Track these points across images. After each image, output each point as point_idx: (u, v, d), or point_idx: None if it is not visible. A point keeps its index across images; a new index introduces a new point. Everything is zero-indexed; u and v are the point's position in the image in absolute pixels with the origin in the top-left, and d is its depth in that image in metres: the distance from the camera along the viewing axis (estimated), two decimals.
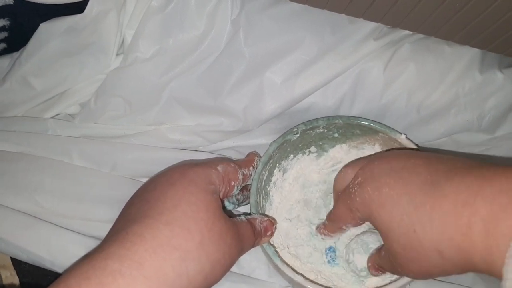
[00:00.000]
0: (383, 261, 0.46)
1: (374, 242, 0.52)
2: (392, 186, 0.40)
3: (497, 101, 0.59)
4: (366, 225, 0.54)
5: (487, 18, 0.47)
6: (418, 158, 0.41)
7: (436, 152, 0.54)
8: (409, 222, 0.37)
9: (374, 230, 0.53)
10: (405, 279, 0.47)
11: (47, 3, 0.56)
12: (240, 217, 0.48)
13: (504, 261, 0.30)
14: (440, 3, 0.46)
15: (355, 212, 0.45)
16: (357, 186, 0.44)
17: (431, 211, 0.36)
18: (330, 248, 0.57)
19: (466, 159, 0.38)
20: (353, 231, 0.55)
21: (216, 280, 0.41)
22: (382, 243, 0.45)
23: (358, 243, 0.53)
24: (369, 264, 0.50)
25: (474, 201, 0.32)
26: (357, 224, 0.48)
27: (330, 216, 0.52)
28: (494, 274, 0.31)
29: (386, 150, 0.57)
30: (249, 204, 0.55)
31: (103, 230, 0.54)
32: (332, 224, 0.52)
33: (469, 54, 0.58)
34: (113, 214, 0.55)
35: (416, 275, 0.41)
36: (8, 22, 0.60)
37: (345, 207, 0.46)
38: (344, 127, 0.59)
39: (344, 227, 0.50)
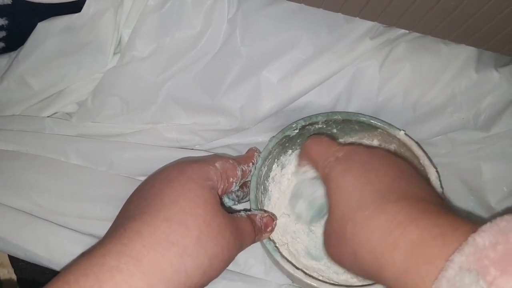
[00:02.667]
0: (324, 231, 0.48)
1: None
2: (355, 178, 0.43)
3: (492, 100, 0.59)
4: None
5: (483, 17, 0.47)
6: (392, 169, 0.43)
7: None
8: (346, 216, 0.40)
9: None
10: None
11: (45, 2, 0.56)
12: (240, 213, 0.48)
13: (422, 286, 0.32)
14: (436, 2, 0.46)
15: (318, 171, 0.49)
16: (333, 159, 0.46)
17: (367, 218, 0.38)
18: None
19: (425, 187, 0.42)
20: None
21: (215, 276, 0.42)
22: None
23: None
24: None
25: (408, 225, 0.35)
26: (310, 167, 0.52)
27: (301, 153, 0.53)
28: None
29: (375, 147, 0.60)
30: (248, 201, 0.55)
31: (100, 228, 0.55)
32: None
33: (465, 52, 0.58)
34: (110, 212, 0.55)
35: (331, 256, 0.45)
36: (6, 22, 0.60)
37: (313, 159, 0.50)
38: (343, 123, 0.60)
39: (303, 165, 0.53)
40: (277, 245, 0.53)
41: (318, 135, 0.54)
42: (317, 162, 0.49)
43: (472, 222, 0.34)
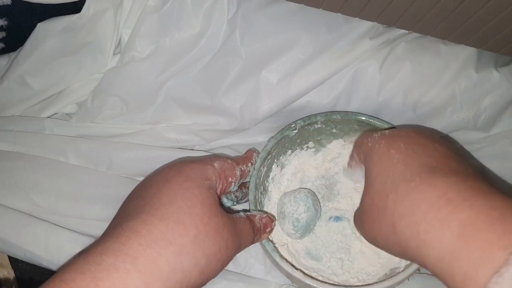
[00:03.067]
0: (358, 208, 0.47)
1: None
2: (400, 151, 0.41)
3: (492, 100, 0.59)
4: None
5: (483, 17, 0.47)
6: (439, 146, 0.41)
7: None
8: (388, 187, 0.39)
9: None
10: (401, 276, 0.47)
11: (44, 3, 0.57)
12: (239, 213, 0.48)
13: (472, 273, 0.29)
14: (436, 2, 0.46)
15: (361, 154, 0.48)
16: (378, 134, 0.45)
17: (413, 190, 0.36)
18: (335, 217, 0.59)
19: (473, 169, 0.38)
20: None
21: (213, 275, 0.42)
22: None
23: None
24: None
25: (460, 203, 0.33)
26: (359, 164, 0.50)
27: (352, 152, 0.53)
28: (441, 275, 0.32)
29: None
30: (247, 202, 0.55)
31: (99, 229, 0.54)
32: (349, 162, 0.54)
33: (465, 52, 0.58)
34: (109, 212, 0.55)
35: (365, 234, 0.43)
36: (5, 22, 0.60)
37: (359, 144, 0.48)
38: (342, 123, 0.60)
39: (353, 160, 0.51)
40: (276, 245, 0.53)
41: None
42: (361, 143, 0.47)
43: None
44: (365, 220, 0.42)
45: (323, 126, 0.60)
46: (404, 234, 0.36)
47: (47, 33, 0.58)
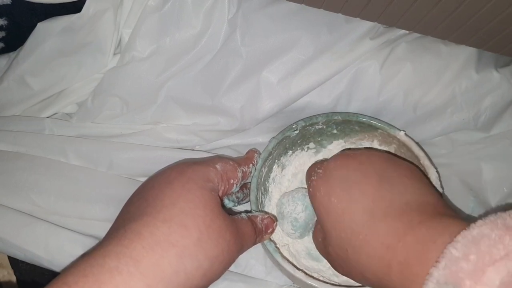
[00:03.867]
0: (318, 233, 0.50)
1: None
2: (340, 198, 0.44)
3: (493, 100, 0.59)
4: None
5: (483, 17, 0.47)
6: (373, 176, 0.44)
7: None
8: (344, 240, 0.42)
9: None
10: None
11: (44, 2, 0.56)
12: (241, 215, 0.48)
13: None
14: (436, 2, 0.46)
15: (308, 193, 0.50)
16: (315, 177, 0.48)
17: (363, 242, 0.40)
18: None
19: (415, 188, 0.43)
20: None
21: (216, 277, 0.42)
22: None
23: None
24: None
25: (395, 245, 0.37)
26: None
27: None
28: None
29: (349, 149, 0.61)
30: (249, 203, 0.55)
31: (100, 229, 0.55)
32: None
33: (465, 53, 0.58)
34: (110, 213, 0.55)
35: (336, 270, 0.47)
36: (5, 22, 0.60)
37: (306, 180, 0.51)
38: (343, 124, 0.60)
39: None
40: (277, 246, 0.53)
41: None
42: (307, 181, 0.51)
43: (461, 218, 0.36)
44: (335, 265, 0.46)
45: (324, 127, 0.60)
46: (372, 280, 0.40)
47: (47, 33, 0.58)
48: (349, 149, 0.61)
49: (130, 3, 0.58)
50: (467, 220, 0.35)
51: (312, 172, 0.49)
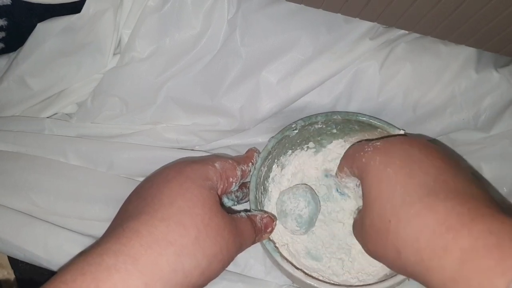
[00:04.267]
0: (356, 224, 0.48)
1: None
2: (398, 170, 0.41)
3: (492, 100, 0.59)
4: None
5: (483, 17, 0.47)
6: (437, 159, 0.42)
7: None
8: (389, 211, 0.39)
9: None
10: (401, 276, 0.47)
11: (44, 3, 0.56)
12: (240, 214, 0.48)
13: None
14: (436, 2, 0.46)
15: (354, 169, 0.47)
16: (371, 149, 0.45)
17: (414, 216, 0.37)
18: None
19: (475, 184, 0.39)
20: None
21: (214, 276, 0.42)
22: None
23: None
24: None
25: (460, 229, 0.34)
26: (349, 176, 0.51)
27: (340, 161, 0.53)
28: None
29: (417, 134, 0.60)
30: (248, 201, 0.55)
31: (99, 229, 0.55)
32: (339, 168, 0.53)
33: (465, 53, 0.58)
34: (110, 213, 0.55)
35: (369, 252, 0.44)
36: (5, 22, 0.60)
37: (351, 159, 0.48)
38: (343, 123, 0.60)
39: (344, 174, 0.52)
40: (277, 245, 0.53)
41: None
42: (354, 156, 0.48)
43: None
44: (368, 241, 0.43)
45: (324, 126, 0.60)
46: (409, 260, 0.37)
47: (47, 33, 0.58)
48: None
49: (130, 4, 0.58)
50: None
51: (365, 146, 0.46)
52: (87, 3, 0.56)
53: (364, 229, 0.43)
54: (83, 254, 0.36)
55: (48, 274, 0.56)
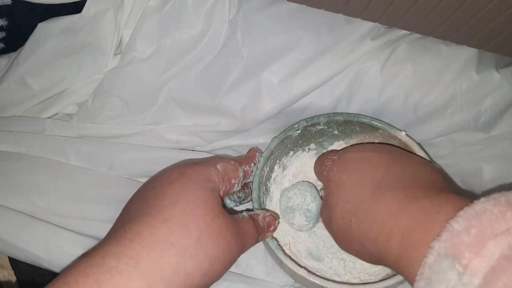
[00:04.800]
0: (323, 211, 0.52)
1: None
2: (351, 174, 0.47)
3: (493, 101, 0.59)
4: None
5: (484, 18, 0.47)
6: (386, 157, 0.47)
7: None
8: (349, 211, 0.44)
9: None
10: (395, 279, 0.47)
11: (45, 3, 0.56)
12: (242, 214, 0.48)
13: (412, 270, 0.35)
14: (437, 3, 0.46)
15: (321, 180, 0.54)
16: (330, 162, 0.51)
17: (367, 211, 0.42)
18: None
19: (426, 171, 0.45)
20: None
21: (216, 277, 0.41)
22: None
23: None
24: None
25: (399, 214, 0.39)
26: None
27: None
28: (403, 275, 0.38)
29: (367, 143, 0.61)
30: (250, 202, 0.55)
31: (100, 230, 0.55)
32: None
33: (466, 53, 0.58)
34: (110, 213, 0.55)
35: (341, 248, 0.48)
36: (6, 22, 0.60)
37: (319, 173, 0.54)
38: (344, 124, 0.60)
39: None
40: (280, 243, 0.53)
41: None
42: (318, 170, 0.54)
43: (463, 196, 0.37)
44: (337, 240, 0.48)
45: (325, 127, 0.60)
46: (371, 250, 0.42)
47: (48, 34, 0.58)
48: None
49: (131, 4, 0.58)
50: (472, 198, 0.35)
51: (325, 160, 0.52)
52: (88, 3, 0.56)
53: (333, 230, 0.48)
54: (85, 256, 0.36)
55: (49, 275, 0.56)
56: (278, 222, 0.53)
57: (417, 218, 0.37)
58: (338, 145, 0.62)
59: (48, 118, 0.65)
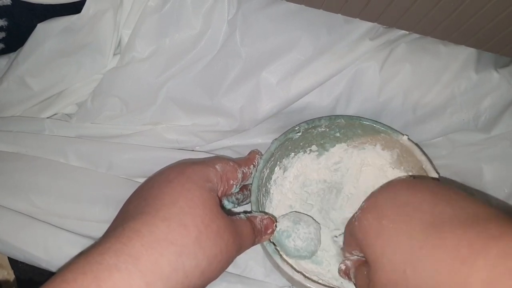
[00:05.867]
0: (360, 278, 0.45)
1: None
2: (393, 219, 0.39)
3: (492, 101, 0.59)
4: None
5: (483, 18, 0.47)
6: (425, 193, 0.40)
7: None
8: (401, 261, 0.37)
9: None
10: None
11: (44, 3, 0.56)
12: (240, 215, 0.48)
13: None
14: (436, 3, 0.46)
15: (355, 245, 0.44)
16: (360, 211, 0.44)
17: (427, 258, 0.35)
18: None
19: (476, 202, 0.37)
20: None
21: (214, 276, 0.42)
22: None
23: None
24: (342, 267, 0.49)
25: (474, 260, 0.31)
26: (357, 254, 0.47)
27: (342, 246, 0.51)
28: None
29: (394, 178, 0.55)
30: (248, 204, 0.55)
31: (99, 230, 0.54)
32: (343, 252, 0.51)
33: (465, 53, 0.58)
34: (109, 214, 0.55)
35: None
36: (5, 23, 0.60)
37: (348, 233, 0.46)
38: (346, 127, 0.60)
39: (352, 253, 0.48)
40: (277, 247, 0.52)
41: None
42: (349, 233, 0.46)
43: None
44: None
45: (327, 130, 0.60)
46: None
47: (47, 34, 0.58)
48: None
49: (130, 4, 0.58)
50: None
51: (352, 217, 0.45)
52: (87, 3, 0.56)
53: (377, 286, 0.40)
54: (84, 254, 0.36)
55: (48, 274, 0.56)
56: (276, 226, 0.53)
57: (506, 264, 0.30)
58: (340, 147, 0.62)
59: (47, 118, 0.65)
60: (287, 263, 0.50)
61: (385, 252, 0.38)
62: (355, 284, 0.47)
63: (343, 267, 0.49)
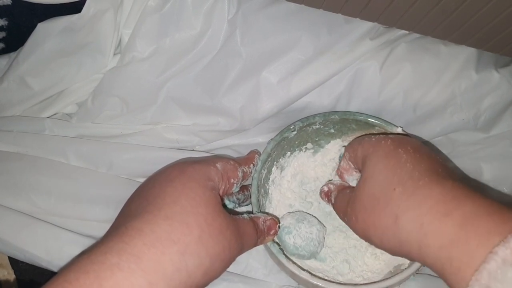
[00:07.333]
0: (340, 199, 0.50)
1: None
2: (408, 152, 0.43)
3: (493, 100, 0.60)
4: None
5: (483, 18, 0.47)
6: (439, 158, 0.44)
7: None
8: (395, 181, 0.40)
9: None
10: (406, 273, 0.47)
11: (45, 3, 0.56)
12: (243, 215, 0.48)
13: (457, 271, 0.32)
14: (436, 3, 0.46)
15: (359, 151, 0.48)
16: (382, 135, 0.47)
17: (420, 187, 0.38)
18: None
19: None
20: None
21: (216, 275, 0.41)
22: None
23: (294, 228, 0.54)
24: (325, 189, 0.54)
25: (464, 199, 0.35)
26: (350, 170, 0.52)
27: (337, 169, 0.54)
28: (437, 270, 0.35)
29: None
30: (249, 205, 0.55)
31: (100, 230, 0.55)
32: (337, 171, 0.55)
33: (465, 53, 0.59)
34: (110, 214, 0.55)
35: (356, 225, 0.44)
36: (6, 22, 0.60)
37: (357, 141, 0.50)
38: (340, 123, 0.60)
39: (349, 163, 0.52)
40: (281, 247, 0.53)
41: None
42: (362, 140, 0.49)
43: None
44: (360, 211, 0.44)
45: (322, 126, 0.60)
46: (406, 227, 0.37)
47: (47, 33, 0.58)
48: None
49: (130, 4, 0.58)
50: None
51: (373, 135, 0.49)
52: (88, 3, 0.56)
53: (358, 201, 0.44)
54: (86, 253, 0.36)
55: (48, 274, 0.56)
56: (279, 227, 0.53)
57: (488, 208, 0.33)
58: (335, 143, 0.62)
59: (47, 118, 0.65)
60: (293, 262, 0.50)
61: (385, 170, 0.42)
62: (333, 205, 0.52)
63: (325, 189, 0.54)
